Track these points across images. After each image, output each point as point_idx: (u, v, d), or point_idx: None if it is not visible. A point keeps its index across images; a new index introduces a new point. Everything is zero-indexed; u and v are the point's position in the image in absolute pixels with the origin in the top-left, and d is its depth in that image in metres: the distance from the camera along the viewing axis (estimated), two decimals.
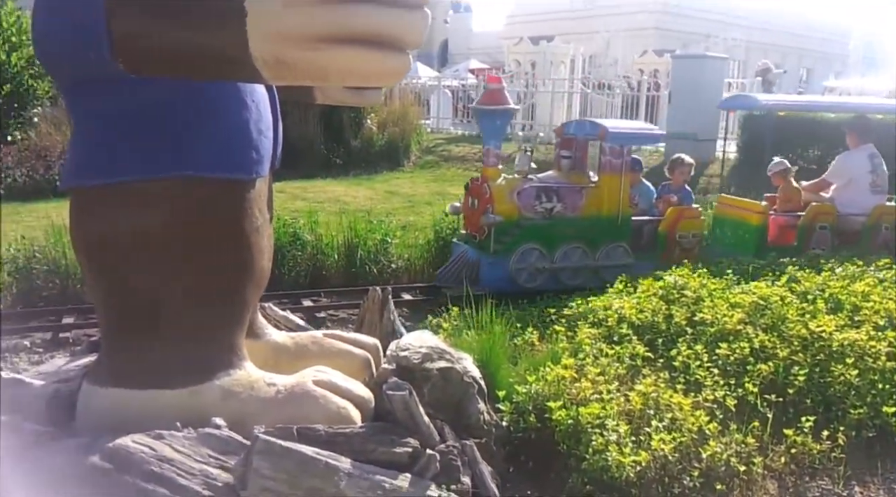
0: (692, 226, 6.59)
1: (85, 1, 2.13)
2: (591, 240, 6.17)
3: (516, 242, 5.98)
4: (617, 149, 6.16)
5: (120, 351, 2.74)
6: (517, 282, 5.94)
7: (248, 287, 2.89)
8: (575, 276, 6.13)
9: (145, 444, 2.43)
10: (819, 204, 6.99)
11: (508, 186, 6.11)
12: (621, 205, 6.23)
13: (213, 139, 2.62)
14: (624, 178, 6.22)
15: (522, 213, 6.10)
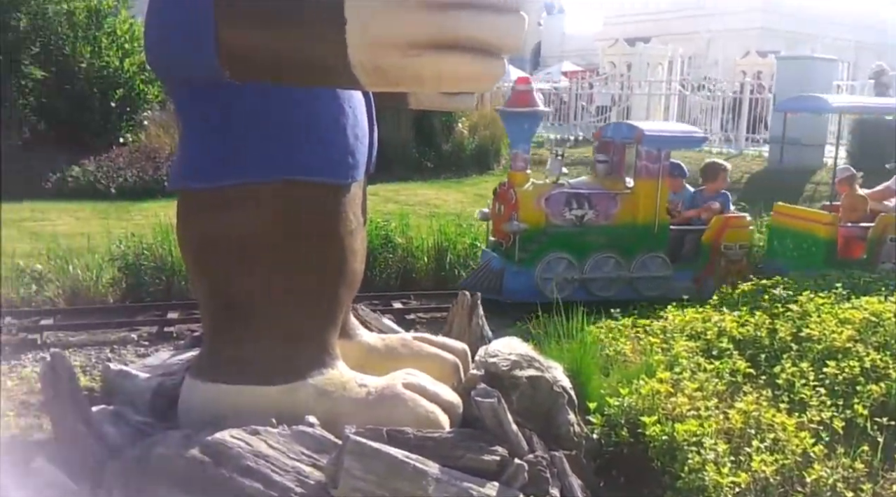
0: (739, 236, 6.14)
1: (195, 10, 2.22)
2: (626, 249, 5.86)
3: (543, 251, 5.73)
4: (654, 153, 5.81)
5: (220, 347, 2.84)
6: (543, 292, 5.63)
7: (342, 288, 2.94)
8: (607, 287, 5.82)
9: (242, 440, 2.50)
10: (888, 214, 6.39)
11: (536, 192, 5.85)
12: (658, 212, 5.87)
13: (311, 144, 2.68)
14: (661, 184, 5.85)
15: (550, 219, 5.86)
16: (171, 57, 2.44)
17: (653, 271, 5.89)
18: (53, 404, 2.68)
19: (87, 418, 2.68)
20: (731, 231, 6.10)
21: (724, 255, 6.04)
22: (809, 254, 6.35)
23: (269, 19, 2.19)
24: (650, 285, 5.78)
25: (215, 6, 2.19)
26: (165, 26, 2.40)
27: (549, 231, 5.82)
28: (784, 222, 6.76)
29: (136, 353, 4.66)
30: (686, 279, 5.77)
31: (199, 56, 2.25)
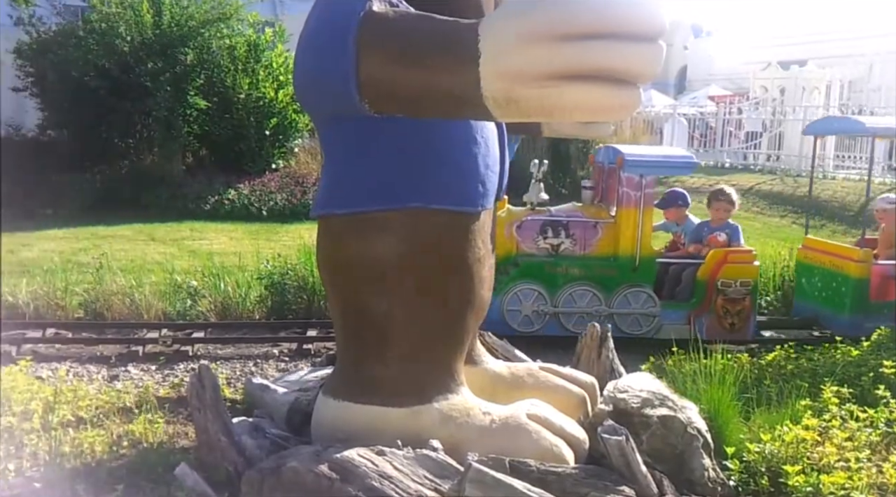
0: (740, 272, 5.44)
1: (338, 48, 2.34)
2: (605, 282, 5.39)
3: (510, 281, 5.38)
4: (635, 179, 5.33)
5: (351, 367, 2.94)
6: (510, 324, 5.34)
7: (469, 315, 2.97)
8: (583, 322, 5.19)
9: (368, 459, 2.56)
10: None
11: (507, 219, 5.49)
12: (640, 244, 5.37)
13: (442, 174, 2.74)
14: (644, 213, 5.36)
15: (521, 248, 5.49)
16: (317, 92, 2.59)
17: (635, 307, 5.41)
18: (198, 414, 2.87)
19: (228, 429, 2.85)
20: (730, 267, 5.44)
21: (721, 292, 5.44)
22: (838, 295, 5.65)
23: (406, 56, 2.28)
24: (633, 322, 5.37)
25: (357, 46, 2.31)
26: (311, 66, 2.54)
27: (518, 260, 5.46)
28: (813, 258, 6.06)
29: (276, 367, 4.90)
30: (677, 318, 5.33)
31: (342, 91, 2.37)
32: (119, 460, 3.03)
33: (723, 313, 5.41)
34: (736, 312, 5.41)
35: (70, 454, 3.01)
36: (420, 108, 2.40)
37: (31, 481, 2.87)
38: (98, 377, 4.59)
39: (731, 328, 5.44)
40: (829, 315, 5.70)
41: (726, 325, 5.44)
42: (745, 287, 5.42)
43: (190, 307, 6.13)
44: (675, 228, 6.08)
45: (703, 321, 5.42)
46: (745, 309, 5.43)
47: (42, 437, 3.15)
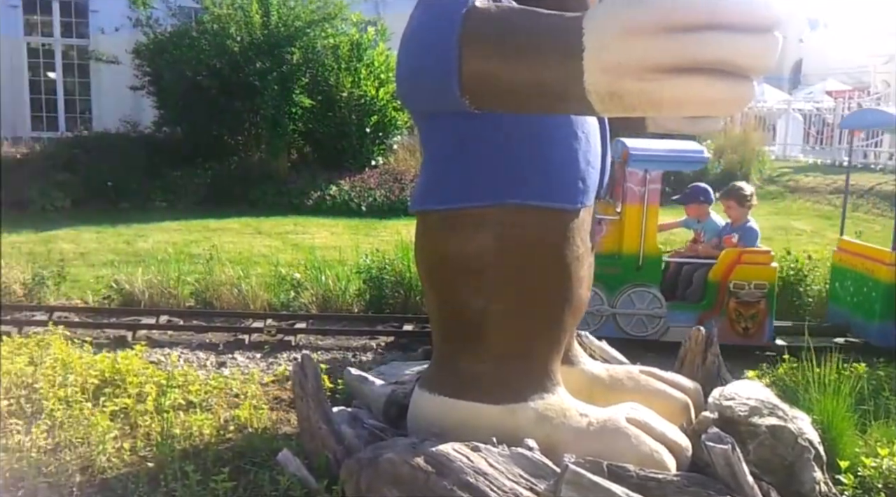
0: (754, 274, 5.11)
1: (441, 44, 2.35)
2: (607, 281, 5.13)
3: None
4: (639, 174, 5.10)
5: (447, 362, 2.95)
6: None
7: (567, 314, 2.92)
8: (585, 322, 4.98)
9: (464, 454, 2.57)
10: None
11: None
12: (644, 242, 5.13)
13: (541, 170, 2.71)
14: (648, 210, 5.10)
15: None
16: (418, 90, 2.61)
17: (640, 308, 5.18)
18: (300, 402, 2.95)
19: (328, 418, 2.92)
20: (743, 268, 5.13)
21: (734, 295, 5.13)
22: (868, 300, 5.24)
23: (509, 51, 2.26)
24: (637, 323, 5.13)
25: (460, 42, 2.31)
26: (414, 62, 2.56)
27: None
28: (847, 261, 5.61)
29: (373, 360, 4.99)
30: (686, 320, 5.03)
31: (444, 89, 2.38)
32: (225, 444, 3.16)
33: (735, 317, 5.14)
34: (750, 316, 5.13)
35: (180, 436, 3.16)
36: (521, 104, 2.38)
37: (144, 460, 3.04)
38: (207, 363, 4.80)
39: (745, 333, 5.16)
40: (860, 323, 5.34)
41: (739, 330, 5.17)
42: (760, 290, 5.12)
43: (293, 299, 6.34)
44: (695, 225, 5.80)
45: (713, 324, 5.10)
46: (760, 313, 5.13)
47: (155, 418, 3.33)
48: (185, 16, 13.71)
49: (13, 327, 5.46)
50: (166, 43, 12.70)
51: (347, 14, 13.34)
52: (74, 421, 3.22)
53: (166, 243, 8.89)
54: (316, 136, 13.45)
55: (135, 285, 6.33)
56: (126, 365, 3.73)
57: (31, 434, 3.11)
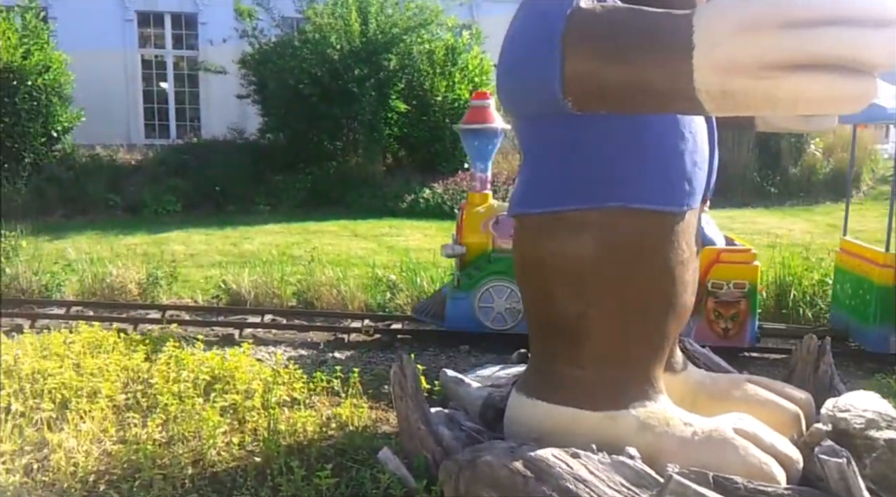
0: (733, 273, 4.91)
1: (544, 45, 2.34)
2: None
3: (482, 278, 5.24)
4: None
5: (546, 366, 2.92)
6: (482, 322, 5.22)
7: (670, 319, 2.84)
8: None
9: (563, 460, 2.54)
10: None
11: (486, 214, 5.36)
12: None
13: (646, 171, 2.65)
14: None
15: (497, 244, 5.30)
16: (519, 91, 2.60)
17: None
18: (399, 402, 3.00)
19: (427, 418, 2.95)
20: (722, 267, 4.94)
21: (712, 294, 4.95)
22: (864, 303, 5.05)
23: (615, 50, 2.23)
24: None
25: (563, 43, 2.29)
26: (515, 64, 2.56)
27: (492, 257, 5.29)
28: (848, 263, 5.44)
29: (468, 362, 5.01)
30: None
31: (545, 90, 2.37)
32: (327, 441, 3.25)
33: (714, 317, 5.00)
34: (730, 317, 4.98)
35: (285, 432, 3.26)
36: (627, 104, 2.34)
37: (251, 455, 3.16)
38: (308, 361, 4.95)
39: (725, 334, 5.01)
40: (857, 326, 5.12)
41: (718, 331, 5.02)
42: (740, 289, 4.95)
43: (389, 300, 6.45)
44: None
45: (690, 325, 4.91)
46: (741, 313, 4.96)
47: (261, 414, 3.46)
48: (287, 26, 14.19)
49: (129, 324, 5.80)
50: (270, 53, 13.18)
51: (443, 19, 13.47)
52: (187, 415, 3.39)
53: (270, 245, 9.23)
54: (410, 140, 13.65)
55: (241, 285, 6.61)
56: (234, 362, 3.89)
57: (147, 427, 3.29)
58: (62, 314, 6.09)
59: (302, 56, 12.62)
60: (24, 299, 6.45)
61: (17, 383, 3.69)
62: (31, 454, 3.12)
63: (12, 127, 11.76)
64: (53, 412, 3.39)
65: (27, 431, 3.28)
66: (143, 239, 9.64)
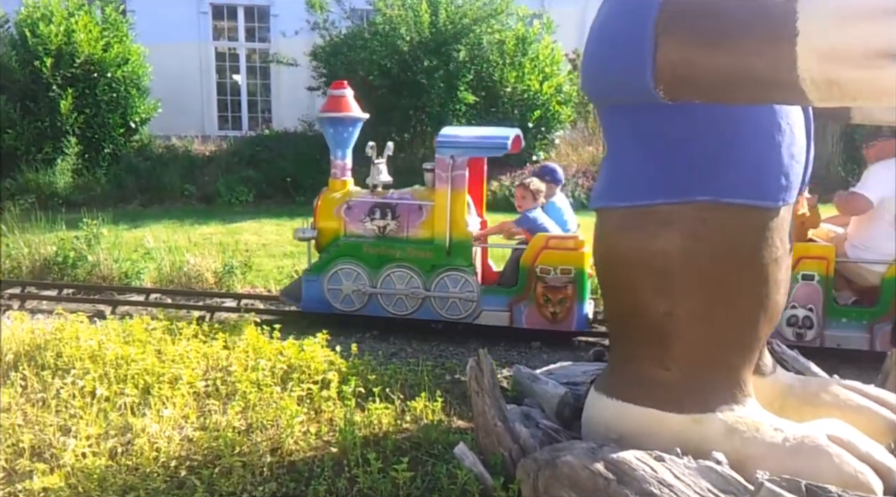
0: (561, 259, 5.11)
1: (635, 32, 2.26)
2: (422, 265, 5.36)
3: (331, 260, 5.52)
4: (445, 160, 5.23)
5: (627, 365, 2.84)
6: (331, 303, 5.50)
7: (761, 320, 2.73)
8: (402, 304, 5.39)
9: (647, 463, 2.46)
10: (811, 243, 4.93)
11: (339, 200, 5.63)
12: (452, 226, 5.27)
13: (739, 164, 2.53)
14: (454, 195, 5.24)
15: (349, 228, 5.56)
16: (606, 79, 2.52)
17: (453, 291, 5.31)
18: (476, 397, 2.96)
19: (504, 415, 2.91)
20: (550, 253, 5.13)
21: (540, 279, 5.13)
22: None
23: (711, 37, 2.14)
24: (451, 306, 5.31)
25: (656, 30, 2.21)
26: (605, 52, 2.48)
27: (341, 241, 5.56)
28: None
29: (540, 359, 4.95)
30: (498, 304, 5.23)
31: (635, 79, 2.29)
32: (402, 434, 3.24)
33: (543, 301, 5.18)
34: (558, 301, 5.16)
35: (360, 423, 3.27)
36: (722, 94, 2.24)
37: (328, 445, 3.18)
38: (379, 353, 4.96)
39: (553, 318, 5.20)
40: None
41: (547, 315, 5.21)
42: (566, 275, 5.13)
43: None
44: (542, 209, 5.69)
45: (522, 309, 5.23)
46: (568, 298, 5.15)
47: (337, 404, 3.48)
48: (358, 18, 14.29)
49: (206, 312, 5.94)
50: (341, 45, 13.29)
51: (513, 9, 13.33)
52: (264, 404, 3.43)
53: None
54: None
55: None
56: (310, 352, 3.93)
57: (227, 414, 3.34)
58: (142, 301, 6.29)
59: (372, 48, 12.68)
60: (106, 286, 6.68)
61: (101, 368, 3.81)
62: (115, 438, 3.22)
63: (93, 117, 12.20)
64: (136, 397, 3.49)
65: (111, 416, 3.38)
66: (217, 228, 9.87)
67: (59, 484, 2.84)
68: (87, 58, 12.02)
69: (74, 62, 11.90)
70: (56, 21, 11.92)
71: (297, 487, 2.86)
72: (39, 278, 6.96)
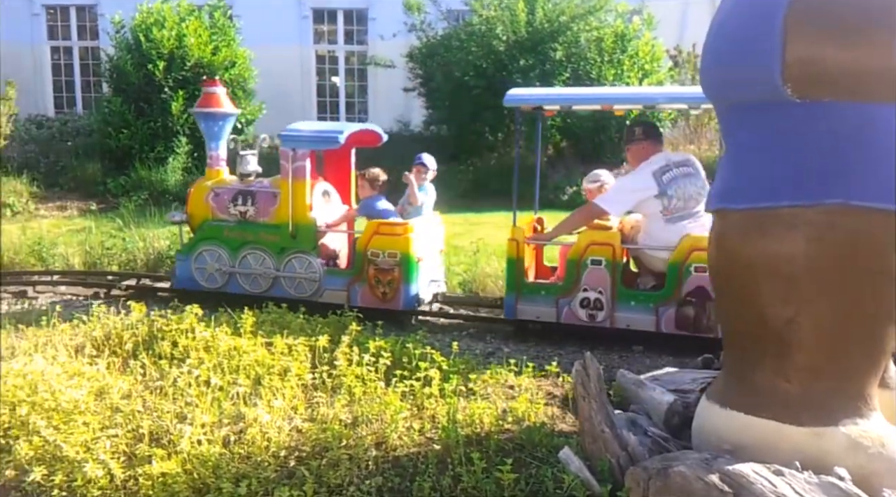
0: (388, 244, 5.65)
1: (762, 28, 2.17)
2: (272, 247, 5.96)
3: (197, 242, 6.17)
4: (287, 152, 5.80)
5: (742, 375, 2.74)
6: (199, 281, 6.11)
7: (889, 330, 2.58)
8: (256, 282, 6.00)
9: (765, 477, 2.37)
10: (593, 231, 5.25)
11: (208, 188, 6.26)
12: (293, 213, 5.84)
13: (870, 165, 2.40)
14: (294, 185, 5.81)
15: (216, 214, 6.19)
16: (730, 79, 2.44)
17: (299, 272, 5.89)
18: (582, 402, 2.92)
19: (611, 421, 2.85)
20: (379, 238, 5.68)
21: (371, 262, 5.67)
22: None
23: (846, 32, 2.04)
24: (298, 286, 5.89)
25: (785, 26, 2.11)
26: (728, 48, 2.40)
27: (206, 224, 6.17)
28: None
29: (643, 363, 4.83)
30: (338, 285, 5.80)
31: (762, 76, 2.20)
32: (504, 434, 3.22)
33: (375, 282, 5.67)
34: (387, 282, 5.64)
35: (462, 421, 3.28)
36: (856, 91, 2.13)
37: (431, 442, 3.20)
38: (476, 352, 4.97)
39: (384, 297, 5.67)
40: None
41: (378, 294, 5.68)
42: (393, 258, 5.60)
43: None
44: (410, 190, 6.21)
45: (357, 289, 5.75)
46: (395, 279, 5.62)
47: (439, 402, 3.50)
48: (454, 19, 14.36)
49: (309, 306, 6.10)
50: (437, 46, 13.39)
51: (612, 5, 13.09)
52: (369, 398, 3.49)
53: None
54: (573, 130, 13.40)
55: None
56: (413, 349, 3.97)
57: (334, 407, 3.42)
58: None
59: (468, 49, 12.72)
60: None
61: (215, 358, 3.97)
62: (228, 426, 3.34)
63: None
64: (248, 387, 3.61)
65: (225, 405, 3.51)
66: None
67: (176, 469, 2.96)
68: (197, 61, 12.57)
69: (185, 65, 12.46)
70: (168, 26, 12.53)
71: (401, 483, 2.90)
72: (153, 271, 7.33)
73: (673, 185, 5.06)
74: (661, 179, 5.07)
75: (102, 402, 3.54)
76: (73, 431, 3.19)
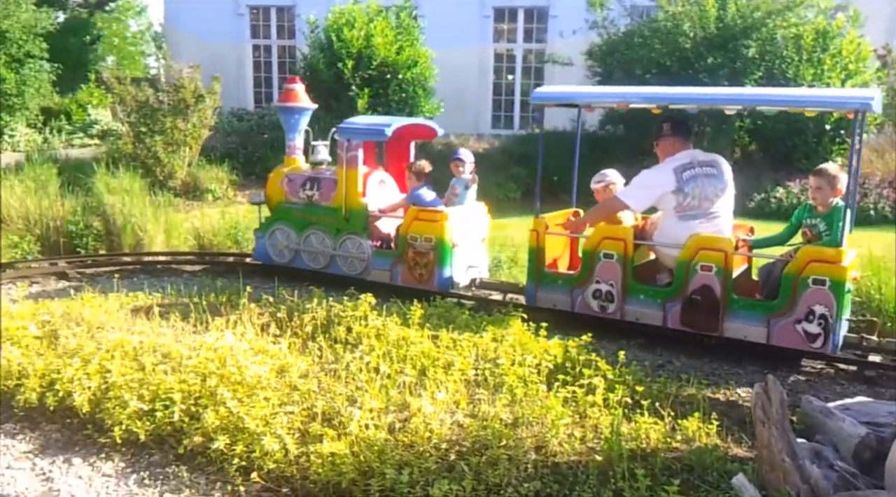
0: (425, 229, 6.07)
1: None
2: (330, 228, 6.57)
3: (271, 222, 6.96)
4: (343, 142, 6.37)
5: None
6: (272, 256, 6.91)
7: None
8: (317, 259, 6.66)
9: None
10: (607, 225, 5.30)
11: (284, 174, 6.98)
12: (346, 199, 6.42)
13: None
14: (347, 172, 6.38)
15: (288, 197, 6.88)
16: None
17: (352, 251, 6.47)
18: (762, 427, 2.71)
19: (793, 450, 2.63)
20: (418, 223, 6.11)
21: (411, 245, 6.11)
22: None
23: None
24: (350, 264, 6.47)
25: None
26: None
27: (279, 206, 6.93)
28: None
29: (831, 389, 4.42)
30: (384, 265, 6.27)
31: None
32: (672, 453, 3.07)
33: (413, 264, 6.13)
34: (423, 264, 6.08)
35: (627, 435, 3.16)
36: None
37: (592, 452, 3.12)
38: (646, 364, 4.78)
39: (420, 278, 6.12)
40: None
41: (416, 275, 6.14)
42: (429, 242, 6.03)
43: None
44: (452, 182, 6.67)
45: (398, 269, 6.22)
46: (430, 262, 6.05)
47: (602, 411, 3.40)
48: (638, 15, 13.93)
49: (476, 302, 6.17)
50: (619, 43, 13.06)
51: (813, 1, 12.11)
52: (530, 400, 3.46)
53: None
54: (764, 132, 12.55)
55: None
56: (576, 354, 3.89)
57: (495, 406, 3.42)
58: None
59: (651, 46, 12.29)
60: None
61: (385, 346, 4.11)
62: (394, 414, 3.44)
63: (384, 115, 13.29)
64: (414, 378, 3.70)
65: (392, 392, 3.63)
66: None
67: (344, 450, 3.10)
68: (383, 60, 13.11)
69: (371, 64, 13.04)
70: (357, 26, 13.15)
71: (560, 490, 2.84)
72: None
73: (691, 183, 5.08)
74: (682, 176, 5.10)
75: (282, 379, 3.78)
76: (254, 405, 3.43)
